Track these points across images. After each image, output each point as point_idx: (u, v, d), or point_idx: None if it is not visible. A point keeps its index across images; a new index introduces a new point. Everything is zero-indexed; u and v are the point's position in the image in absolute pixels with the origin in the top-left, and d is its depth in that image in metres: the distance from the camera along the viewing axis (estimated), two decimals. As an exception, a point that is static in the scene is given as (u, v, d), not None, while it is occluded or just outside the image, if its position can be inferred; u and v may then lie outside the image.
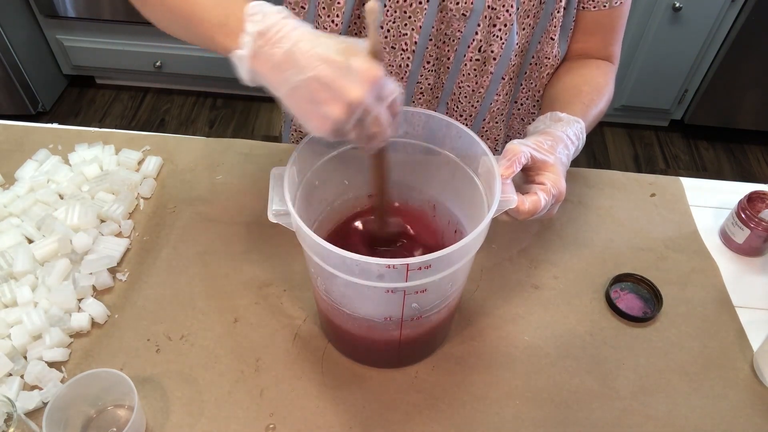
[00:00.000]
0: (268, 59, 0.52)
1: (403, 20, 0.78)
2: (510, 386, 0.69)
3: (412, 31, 0.79)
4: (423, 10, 0.77)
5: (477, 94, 0.86)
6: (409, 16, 0.77)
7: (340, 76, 0.50)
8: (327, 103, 0.50)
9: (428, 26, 0.78)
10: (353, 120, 0.51)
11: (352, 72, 0.50)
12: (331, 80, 0.50)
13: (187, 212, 0.85)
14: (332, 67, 0.50)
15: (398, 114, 0.55)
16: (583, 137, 0.72)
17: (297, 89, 0.51)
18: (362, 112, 0.51)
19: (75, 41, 2.27)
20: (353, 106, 0.50)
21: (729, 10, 1.93)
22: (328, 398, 0.67)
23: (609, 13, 0.82)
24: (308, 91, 0.51)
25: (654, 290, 0.78)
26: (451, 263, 0.55)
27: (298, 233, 0.57)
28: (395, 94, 0.53)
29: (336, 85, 0.49)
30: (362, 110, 0.51)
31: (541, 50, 0.85)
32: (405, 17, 0.78)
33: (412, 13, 0.77)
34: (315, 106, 0.51)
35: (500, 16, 0.77)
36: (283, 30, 0.52)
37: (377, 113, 0.52)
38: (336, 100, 0.50)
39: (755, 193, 0.83)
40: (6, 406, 0.55)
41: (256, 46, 0.52)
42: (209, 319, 0.73)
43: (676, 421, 0.67)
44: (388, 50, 0.82)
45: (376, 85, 0.50)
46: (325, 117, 0.51)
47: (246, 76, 0.54)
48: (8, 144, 0.94)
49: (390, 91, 0.53)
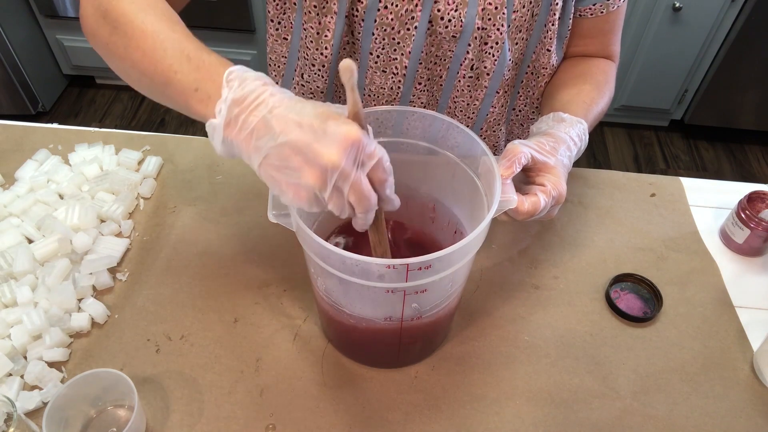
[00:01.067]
0: (242, 128, 0.49)
1: (392, 46, 0.77)
2: (510, 386, 0.69)
3: (401, 56, 0.78)
4: (411, 36, 0.76)
5: (472, 107, 0.85)
6: (397, 42, 0.76)
7: (314, 140, 0.46)
8: (300, 169, 0.46)
9: (417, 50, 0.77)
10: (329, 187, 0.47)
11: (328, 135, 0.46)
12: (305, 145, 0.46)
13: (187, 212, 0.85)
14: (308, 131, 0.46)
15: (386, 181, 0.50)
16: (585, 138, 0.72)
17: (270, 156, 0.48)
18: (338, 178, 0.46)
19: (75, 41, 2.27)
20: (327, 172, 0.46)
21: (729, 10, 1.93)
22: (328, 398, 0.67)
23: (606, 18, 0.82)
24: (281, 158, 0.47)
25: (654, 290, 0.78)
26: (451, 263, 0.55)
27: (298, 233, 0.57)
28: (377, 158, 0.48)
29: (310, 150, 0.46)
30: (338, 175, 0.46)
31: (537, 61, 0.84)
32: (393, 43, 0.76)
33: (401, 39, 0.76)
34: (289, 175, 0.47)
35: (491, 34, 0.76)
36: (260, 97, 0.49)
37: (356, 179, 0.47)
38: (309, 165, 0.46)
39: (755, 193, 0.83)
40: (6, 406, 0.55)
41: (231, 115, 0.49)
42: (209, 319, 0.73)
43: (676, 421, 0.67)
44: (378, 74, 0.81)
45: (353, 147, 0.46)
46: (298, 186, 0.47)
47: (219, 147, 0.51)
48: (8, 144, 0.94)
49: (369, 155, 0.47)
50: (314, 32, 0.77)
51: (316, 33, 0.77)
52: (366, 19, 0.74)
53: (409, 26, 0.75)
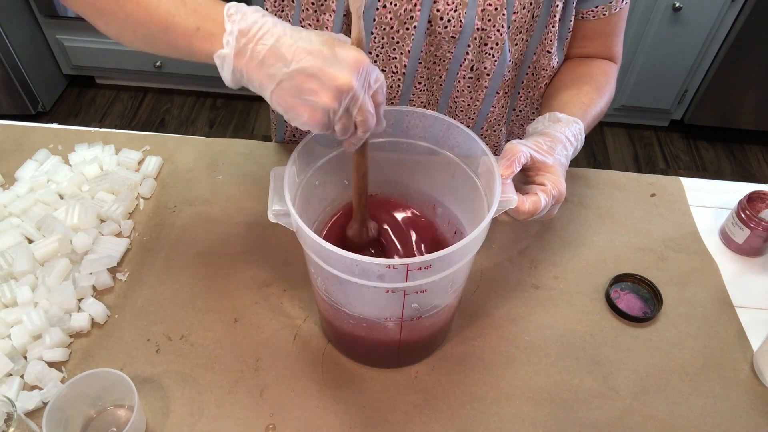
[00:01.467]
0: (252, 56, 0.52)
1: (391, 45, 0.77)
2: (510, 386, 0.69)
3: (401, 55, 0.78)
4: (410, 36, 0.76)
5: (473, 107, 0.85)
6: (397, 41, 0.76)
7: (327, 65, 0.50)
8: (315, 92, 0.51)
9: (417, 50, 0.77)
10: (342, 108, 0.51)
11: (338, 60, 0.50)
12: (319, 69, 0.50)
13: (187, 212, 0.85)
14: (318, 57, 0.50)
15: (381, 104, 0.56)
16: (582, 138, 0.72)
17: (284, 83, 0.51)
18: (350, 99, 0.51)
19: (75, 41, 2.27)
20: (342, 93, 0.50)
21: (729, 10, 1.93)
22: (328, 398, 0.67)
23: (608, 20, 0.82)
24: (295, 83, 0.51)
25: (654, 290, 0.78)
26: (451, 263, 0.55)
27: (298, 233, 0.57)
28: (380, 82, 0.54)
29: (324, 74, 0.50)
30: (351, 97, 0.51)
31: (537, 62, 0.84)
32: (393, 42, 0.77)
33: (400, 38, 0.76)
34: (303, 98, 0.51)
35: (491, 35, 0.76)
36: (264, 27, 0.52)
37: (364, 100, 0.52)
38: (325, 88, 0.50)
39: (755, 193, 0.83)
40: (6, 406, 0.55)
41: (239, 45, 0.52)
42: (209, 319, 0.73)
43: (676, 421, 0.67)
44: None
45: (363, 71, 0.51)
46: (314, 107, 0.51)
47: (229, 76, 0.54)
48: (8, 144, 0.94)
49: (375, 78, 0.53)
50: (313, 29, 0.77)
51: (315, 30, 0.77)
52: (365, 18, 0.74)
53: (408, 26, 0.75)
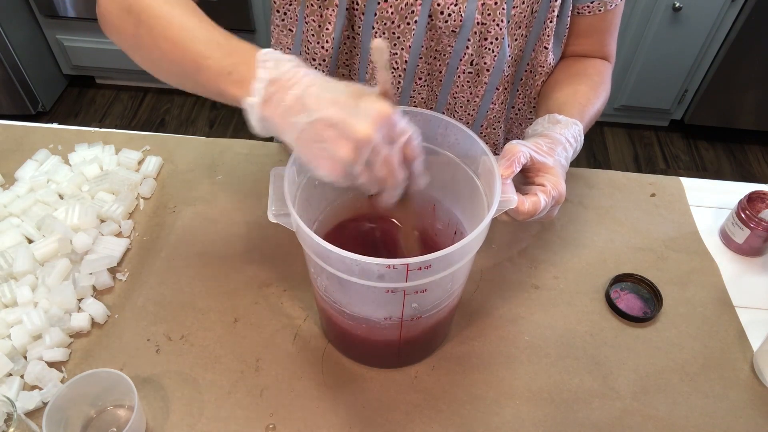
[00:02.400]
0: (278, 105, 0.51)
1: (392, 40, 0.77)
2: (510, 386, 0.69)
3: (401, 51, 0.78)
4: (411, 31, 0.76)
5: (472, 103, 0.86)
6: (397, 36, 0.77)
7: (348, 115, 0.49)
8: (334, 142, 0.49)
9: (417, 44, 0.77)
10: (362, 160, 0.49)
11: (361, 111, 0.49)
12: (339, 119, 0.49)
13: (187, 212, 0.85)
14: (340, 107, 0.49)
15: (416, 159, 0.53)
16: (581, 139, 0.72)
17: (305, 132, 0.50)
18: (371, 152, 0.49)
19: (75, 41, 2.27)
20: (360, 145, 0.48)
21: (729, 10, 1.93)
22: (328, 398, 0.67)
23: (603, 16, 0.82)
24: (316, 133, 0.50)
25: (654, 290, 0.78)
26: (451, 263, 0.55)
27: (298, 233, 0.57)
28: (408, 134, 0.51)
29: (343, 124, 0.48)
30: (370, 150, 0.49)
31: (535, 58, 0.84)
32: (393, 38, 0.77)
33: (401, 33, 0.76)
34: (323, 148, 0.50)
35: (491, 30, 0.76)
36: (295, 77, 0.51)
37: (387, 154, 0.50)
38: (343, 138, 0.49)
39: (755, 193, 0.83)
40: (6, 406, 0.55)
41: (268, 93, 0.51)
42: (209, 319, 0.73)
43: (677, 420, 0.67)
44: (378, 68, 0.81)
45: (384, 123, 0.49)
46: (333, 158, 0.49)
47: (257, 124, 0.53)
48: (8, 144, 0.94)
49: (401, 132, 0.50)
50: (316, 25, 0.77)
51: (318, 26, 0.77)
52: (366, 13, 0.75)
53: (409, 20, 0.75)
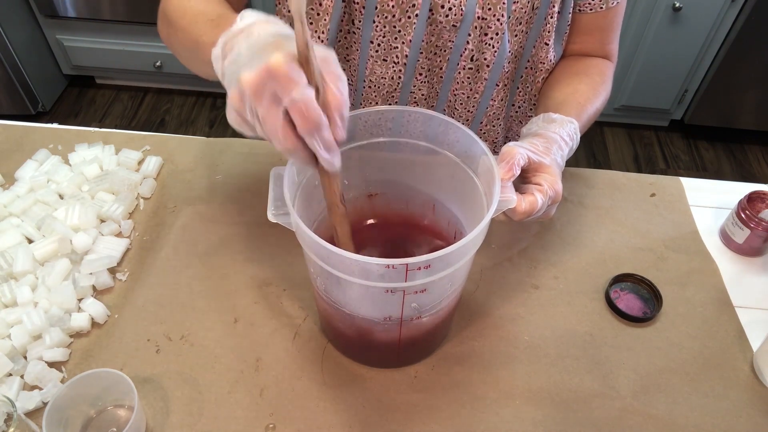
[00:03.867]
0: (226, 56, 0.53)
1: (393, 34, 0.77)
2: (510, 386, 0.69)
3: (402, 45, 0.78)
4: (412, 24, 0.76)
5: (472, 99, 0.86)
6: (398, 30, 0.77)
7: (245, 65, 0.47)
8: (229, 87, 0.51)
9: (418, 39, 0.78)
10: (247, 110, 0.48)
11: (254, 60, 0.47)
12: (236, 66, 0.50)
13: (187, 212, 0.85)
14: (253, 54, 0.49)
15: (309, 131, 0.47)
16: (577, 137, 0.72)
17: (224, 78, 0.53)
18: (253, 102, 0.47)
19: (75, 41, 2.27)
20: (241, 92, 0.48)
21: (729, 10, 1.93)
22: (327, 398, 0.67)
23: (605, 14, 0.82)
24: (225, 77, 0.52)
25: (654, 290, 0.78)
26: (451, 263, 0.55)
27: (297, 233, 0.57)
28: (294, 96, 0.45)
29: (237, 73, 0.48)
30: (252, 100, 0.47)
31: (536, 55, 0.84)
32: (395, 31, 0.77)
33: (402, 27, 0.76)
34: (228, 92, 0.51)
35: (491, 25, 0.76)
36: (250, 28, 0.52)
37: (265, 110, 0.46)
38: (232, 84, 0.50)
39: (755, 193, 0.83)
40: (6, 406, 0.55)
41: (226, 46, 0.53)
42: (209, 319, 0.73)
43: (676, 420, 0.67)
44: (379, 63, 0.81)
45: (265, 74, 0.45)
46: (227, 104, 0.51)
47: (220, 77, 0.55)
48: (8, 144, 0.94)
49: (286, 88, 0.45)
50: (314, 13, 0.78)
51: (316, 14, 0.77)
52: (367, 6, 0.75)
53: (410, 14, 0.75)
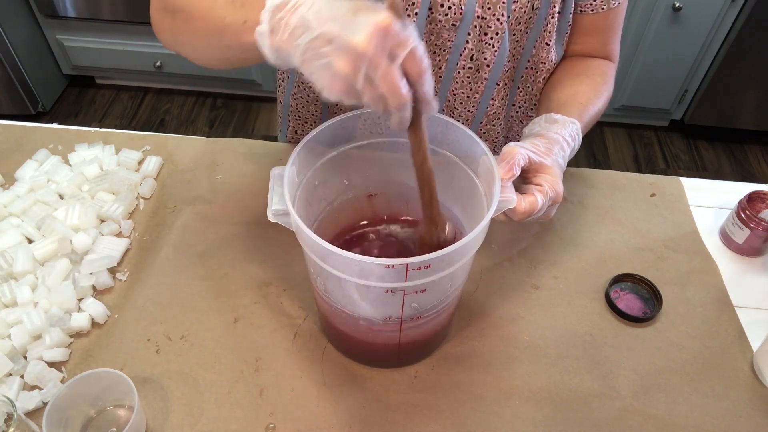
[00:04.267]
0: (285, 30, 0.50)
1: None
2: (509, 386, 0.69)
3: None
4: (411, 23, 0.76)
5: (472, 99, 0.85)
6: None
7: (344, 28, 0.47)
8: (332, 57, 0.47)
9: None
10: (360, 75, 0.47)
11: (357, 23, 0.46)
12: (336, 33, 0.47)
13: (186, 212, 0.85)
14: (338, 22, 0.47)
15: (422, 74, 0.49)
16: (579, 138, 0.72)
17: (307, 51, 0.49)
18: (369, 66, 0.46)
19: (75, 41, 2.27)
20: (357, 57, 0.46)
21: (729, 10, 1.93)
22: (327, 398, 0.67)
23: (606, 15, 0.82)
24: (315, 50, 0.48)
25: (654, 290, 0.78)
26: (451, 263, 0.55)
27: (297, 233, 0.57)
28: (410, 46, 0.47)
29: (339, 38, 0.46)
30: (367, 62, 0.46)
31: (536, 55, 0.84)
32: None
33: None
34: (324, 66, 0.48)
35: (491, 24, 0.76)
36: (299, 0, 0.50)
37: (385, 68, 0.47)
38: (339, 52, 0.47)
39: (755, 193, 0.83)
40: (6, 406, 0.55)
41: (274, 20, 0.51)
42: (209, 319, 0.73)
43: (676, 420, 0.67)
44: None
45: (381, 34, 0.46)
46: (334, 75, 0.48)
47: (270, 54, 0.53)
48: (8, 144, 0.94)
49: (401, 43, 0.47)
50: None
51: None
52: None
53: (410, 12, 0.75)
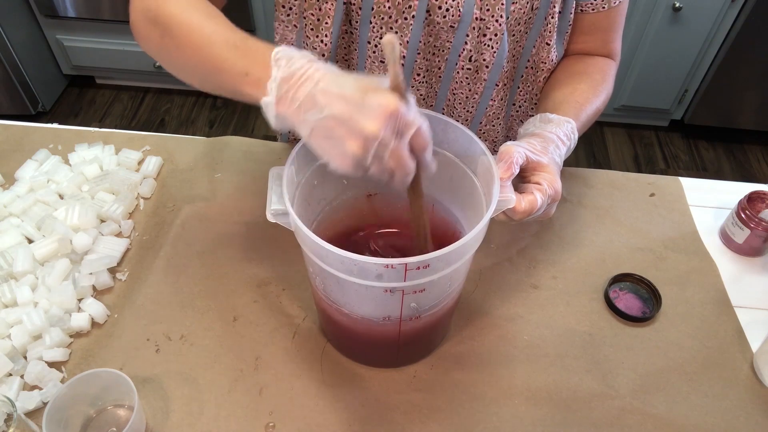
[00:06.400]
0: (292, 102, 0.52)
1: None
2: (509, 386, 0.69)
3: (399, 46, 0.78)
4: (409, 26, 0.76)
5: (471, 100, 0.85)
6: (395, 31, 0.76)
7: (356, 111, 0.49)
8: (344, 139, 0.50)
9: (415, 40, 0.77)
10: (370, 155, 0.50)
11: (368, 107, 0.49)
12: (348, 116, 0.49)
13: (186, 211, 0.85)
14: (349, 103, 0.50)
15: (425, 148, 0.53)
16: (574, 137, 0.72)
17: (316, 129, 0.51)
18: (378, 146, 0.50)
19: (75, 41, 2.27)
20: (369, 141, 0.49)
21: (729, 10, 1.93)
22: (327, 397, 0.67)
23: (607, 14, 0.82)
24: (326, 129, 0.51)
25: (653, 290, 0.78)
26: (450, 263, 0.55)
27: (296, 233, 0.57)
28: (415, 127, 0.51)
29: (351, 121, 0.49)
30: (377, 145, 0.50)
31: (536, 55, 0.84)
32: (391, 32, 0.77)
33: (398, 28, 0.76)
34: (334, 144, 0.51)
35: (490, 26, 0.76)
36: (307, 73, 0.52)
37: (395, 147, 0.50)
38: (352, 135, 0.49)
39: (755, 193, 0.83)
40: (6, 406, 0.56)
41: (281, 91, 0.52)
42: (209, 319, 0.73)
43: (676, 420, 0.67)
44: (377, 63, 0.81)
45: (391, 118, 0.49)
46: (344, 154, 0.51)
47: (274, 121, 0.54)
48: (8, 144, 0.94)
49: (409, 124, 0.51)
50: (314, 19, 0.77)
51: (317, 20, 0.77)
52: (363, 7, 0.75)
53: (407, 15, 0.75)
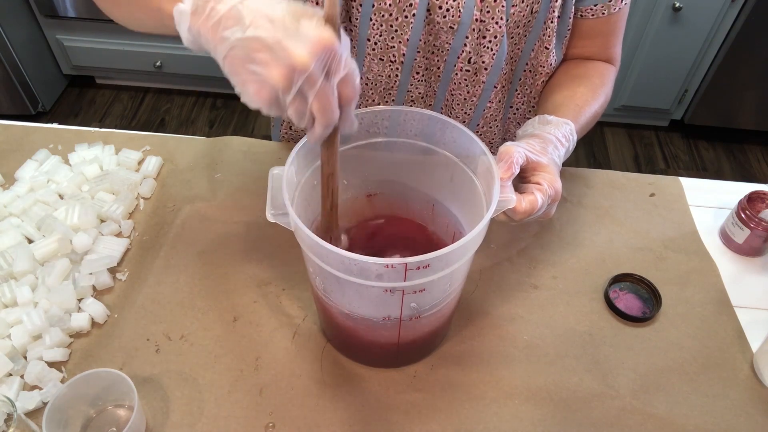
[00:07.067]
0: (210, 16, 0.46)
1: (390, 33, 0.77)
2: (509, 386, 0.69)
3: (399, 44, 0.78)
4: (409, 24, 0.76)
5: (470, 101, 0.85)
6: (395, 29, 0.76)
7: (285, 37, 0.44)
8: (266, 65, 0.44)
9: (415, 39, 0.77)
10: (294, 90, 0.45)
11: (300, 34, 0.44)
12: (275, 41, 0.44)
13: (186, 211, 0.85)
14: (278, 27, 0.44)
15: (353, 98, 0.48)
16: (573, 138, 0.72)
17: (236, 49, 0.46)
18: (305, 81, 0.45)
19: (75, 41, 2.27)
20: (295, 72, 0.44)
21: (729, 10, 1.93)
22: (327, 397, 0.67)
23: (607, 20, 0.81)
24: (247, 52, 0.45)
25: (653, 290, 0.78)
26: (450, 263, 0.55)
27: (296, 233, 0.57)
28: (348, 70, 0.46)
29: (279, 47, 0.44)
30: (305, 79, 0.44)
31: (535, 58, 0.84)
32: (392, 30, 0.77)
33: (399, 26, 0.76)
34: (253, 70, 0.46)
35: (489, 28, 0.76)
36: None
37: (323, 87, 0.45)
38: (277, 62, 0.44)
39: (755, 193, 0.83)
40: (6, 406, 0.56)
41: (200, 1, 0.47)
42: (208, 319, 0.73)
43: (676, 420, 0.67)
44: (376, 61, 0.81)
45: (325, 52, 0.44)
46: (262, 83, 0.45)
47: (186, 35, 0.49)
48: (8, 144, 0.94)
49: (341, 65, 0.45)
50: None
51: None
52: (364, 4, 0.75)
53: (407, 13, 0.75)
